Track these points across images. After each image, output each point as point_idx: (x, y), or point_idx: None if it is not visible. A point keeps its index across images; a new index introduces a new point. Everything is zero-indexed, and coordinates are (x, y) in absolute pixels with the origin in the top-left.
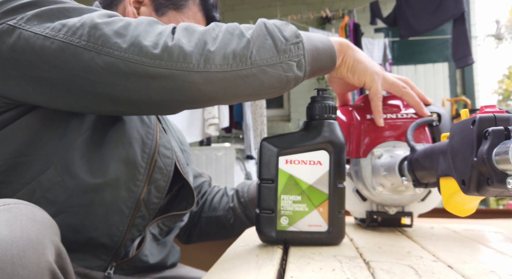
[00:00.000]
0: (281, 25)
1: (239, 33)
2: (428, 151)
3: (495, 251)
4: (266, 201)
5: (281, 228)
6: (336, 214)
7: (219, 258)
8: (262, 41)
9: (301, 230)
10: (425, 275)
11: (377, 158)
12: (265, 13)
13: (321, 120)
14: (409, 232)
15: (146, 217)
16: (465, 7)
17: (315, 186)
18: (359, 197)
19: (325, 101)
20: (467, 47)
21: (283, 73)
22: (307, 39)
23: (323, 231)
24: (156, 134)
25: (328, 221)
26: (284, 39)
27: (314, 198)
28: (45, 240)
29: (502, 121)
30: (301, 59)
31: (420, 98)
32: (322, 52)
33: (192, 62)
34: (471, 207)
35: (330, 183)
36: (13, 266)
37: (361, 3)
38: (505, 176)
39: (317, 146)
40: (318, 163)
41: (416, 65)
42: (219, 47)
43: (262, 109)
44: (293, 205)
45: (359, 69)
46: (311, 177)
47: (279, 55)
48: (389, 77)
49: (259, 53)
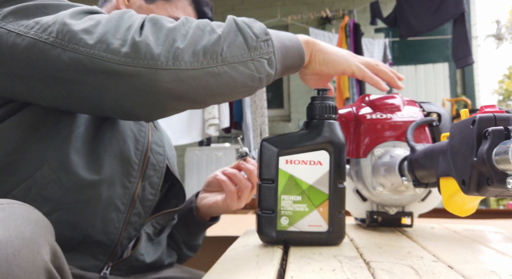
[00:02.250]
0: (250, 21)
1: (210, 30)
2: (428, 151)
3: (495, 251)
4: (266, 201)
5: (282, 228)
6: (336, 214)
7: (219, 258)
8: (233, 37)
9: (301, 230)
10: (425, 275)
11: (377, 158)
12: (265, 13)
13: (322, 120)
14: (410, 232)
15: (141, 214)
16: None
17: (316, 186)
18: (359, 197)
19: (326, 101)
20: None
21: (255, 71)
22: (276, 36)
23: (323, 231)
24: (148, 132)
25: (329, 221)
26: (254, 36)
27: (315, 198)
28: (40, 239)
29: (502, 121)
30: (272, 57)
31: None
32: (291, 49)
33: (160, 60)
34: (471, 207)
35: (331, 183)
36: (8, 265)
37: (361, 3)
38: (505, 176)
39: (318, 146)
40: (319, 163)
41: (416, 65)
42: (188, 43)
43: (263, 109)
44: (294, 205)
45: (332, 60)
46: (311, 177)
47: (250, 52)
48: (361, 58)
49: (230, 50)
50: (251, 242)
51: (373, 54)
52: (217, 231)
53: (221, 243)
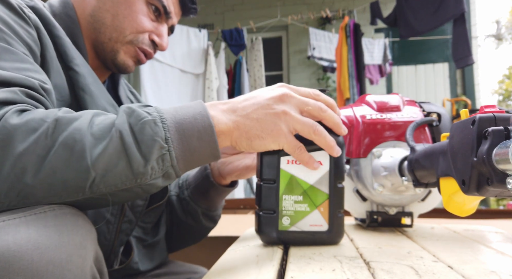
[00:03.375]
0: (142, 131)
1: (80, 151)
2: (428, 151)
3: (495, 251)
4: (267, 202)
5: (283, 228)
6: (336, 213)
7: (219, 258)
8: (113, 163)
9: (302, 230)
10: (425, 276)
11: (377, 158)
12: (265, 13)
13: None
14: (410, 232)
15: (133, 220)
16: (466, 8)
17: (316, 186)
18: (359, 197)
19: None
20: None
21: (142, 192)
22: (180, 139)
23: (323, 231)
24: None
25: (329, 220)
26: (143, 158)
27: (315, 198)
28: (87, 245)
29: (502, 121)
30: (169, 170)
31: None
32: (199, 151)
33: (1, 200)
34: (471, 207)
35: (331, 183)
36: (62, 269)
37: (361, 3)
38: (505, 176)
39: (318, 146)
40: (319, 163)
41: (417, 65)
42: (43, 176)
43: None
44: (295, 205)
45: (257, 145)
46: (312, 177)
47: (135, 179)
48: (299, 119)
49: (105, 180)
50: (251, 242)
51: (373, 54)
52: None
53: (221, 243)
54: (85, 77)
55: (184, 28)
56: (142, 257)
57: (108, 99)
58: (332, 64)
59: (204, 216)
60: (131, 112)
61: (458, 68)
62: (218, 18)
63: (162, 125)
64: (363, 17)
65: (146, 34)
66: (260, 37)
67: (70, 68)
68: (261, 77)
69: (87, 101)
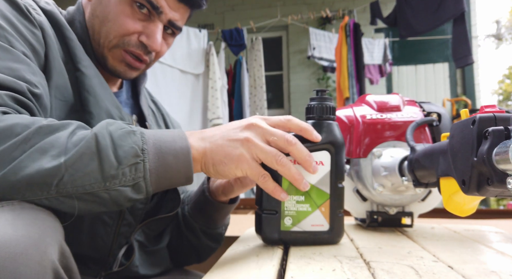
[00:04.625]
0: (121, 137)
1: (54, 152)
2: (428, 151)
3: (495, 251)
4: (269, 202)
5: (285, 228)
6: (337, 213)
7: (220, 258)
8: (84, 163)
9: (304, 230)
10: (425, 276)
11: (377, 158)
12: (265, 13)
13: (322, 121)
14: (410, 232)
15: (132, 224)
16: (465, 7)
17: (318, 186)
18: (359, 197)
19: (325, 102)
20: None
21: (109, 200)
22: (156, 154)
23: (325, 231)
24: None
25: (330, 220)
26: (116, 161)
27: (317, 198)
28: (47, 239)
29: (502, 121)
30: (140, 182)
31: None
32: (174, 168)
33: None
34: (471, 207)
35: (332, 183)
36: (16, 264)
37: (362, 3)
38: (505, 176)
39: (320, 147)
40: (321, 163)
41: (417, 65)
42: (8, 172)
43: (263, 109)
44: (297, 205)
45: (222, 171)
46: (314, 177)
47: (104, 182)
48: (262, 147)
49: (73, 179)
50: (251, 242)
51: (373, 54)
52: None
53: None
54: (91, 79)
55: (184, 28)
56: (143, 262)
57: (113, 101)
58: (332, 64)
59: (204, 233)
60: (113, 123)
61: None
62: (218, 18)
63: (141, 137)
64: (363, 17)
65: (133, 35)
66: (260, 37)
67: (77, 69)
68: (261, 77)
69: (90, 102)
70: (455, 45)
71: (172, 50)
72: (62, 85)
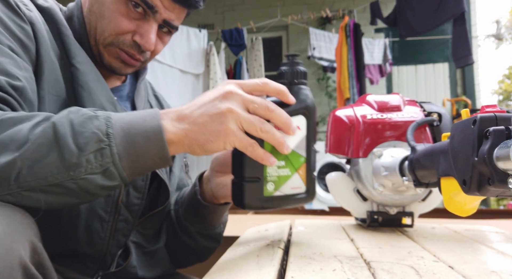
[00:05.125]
0: (82, 124)
1: (14, 148)
2: (428, 151)
3: (496, 251)
4: (252, 169)
5: (268, 194)
6: (311, 175)
7: (220, 258)
8: (42, 154)
9: (285, 193)
10: (426, 276)
11: (378, 158)
12: (265, 13)
13: (294, 85)
14: (410, 232)
15: (130, 220)
16: (465, 7)
17: (296, 150)
18: (360, 197)
19: (298, 66)
20: (467, 47)
21: (78, 189)
22: (124, 137)
23: (302, 192)
24: None
25: (306, 182)
26: (77, 148)
27: (295, 162)
28: (14, 236)
29: (503, 121)
30: (109, 168)
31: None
32: (146, 150)
33: None
34: (472, 207)
35: (308, 146)
36: None
37: (362, 3)
38: (506, 176)
39: (297, 112)
40: (297, 128)
41: (417, 65)
42: None
43: None
44: (278, 170)
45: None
46: (292, 142)
47: (68, 171)
48: (241, 114)
49: (32, 172)
50: (251, 242)
51: (373, 54)
52: None
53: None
54: (86, 74)
55: (184, 28)
56: (141, 263)
57: (108, 97)
58: (332, 64)
59: (200, 235)
60: (76, 111)
61: (458, 68)
62: (218, 18)
63: (106, 122)
64: (363, 17)
65: (127, 34)
66: (260, 37)
67: (71, 65)
68: (261, 77)
69: (84, 97)
70: (455, 45)
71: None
72: (54, 80)
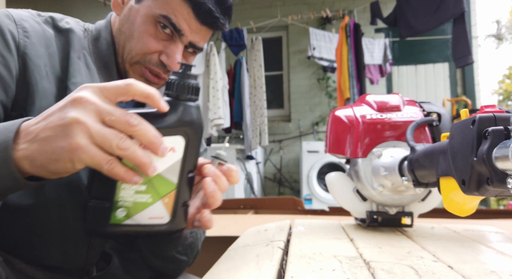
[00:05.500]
0: None
1: None
2: (428, 151)
3: (495, 251)
4: (100, 189)
5: (116, 221)
6: (181, 205)
7: (219, 258)
8: None
9: (139, 223)
10: (425, 275)
11: (377, 158)
12: (265, 13)
13: (180, 101)
14: (410, 232)
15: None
16: (465, 7)
17: (164, 175)
18: (360, 197)
19: (190, 79)
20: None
21: None
22: None
23: (163, 223)
24: None
25: (172, 212)
26: None
27: (161, 188)
28: None
29: (502, 121)
30: None
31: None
32: None
33: None
34: (471, 207)
35: (181, 172)
36: None
37: (362, 3)
38: (505, 175)
39: (174, 131)
40: (171, 149)
41: (417, 65)
42: None
43: (262, 109)
44: (135, 195)
45: (57, 169)
46: (161, 165)
47: None
48: (93, 126)
49: None
50: (251, 242)
51: (373, 54)
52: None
53: (221, 243)
54: None
55: None
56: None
57: None
58: (332, 64)
59: (154, 255)
60: None
61: (458, 67)
62: None
63: None
64: (363, 17)
65: (154, 54)
66: (260, 37)
67: (66, 86)
68: (261, 77)
69: None
70: (455, 44)
71: None
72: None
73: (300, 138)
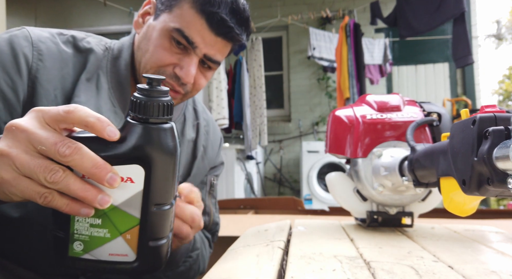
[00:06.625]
0: None
1: None
2: (428, 151)
3: (496, 251)
4: (57, 218)
5: (74, 254)
6: (148, 242)
7: (220, 258)
8: None
9: (99, 259)
10: (425, 276)
11: (378, 158)
12: (265, 13)
13: (142, 124)
14: (410, 232)
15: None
16: (466, 7)
17: (122, 208)
18: (360, 197)
19: (160, 98)
20: (467, 46)
21: None
22: None
23: (129, 261)
24: None
25: (138, 250)
26: None
27: (120, 223)
28: None
29: (502, 121)
30: None
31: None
32: None
33: None
34: (471, 207)
35: (146, 205)
36: None
37: (362, 3)
38: (506, 176)
39: (127, 159)
40: (129, 180)
41: (417, 65)
42: None
43: (262, 109)
44: (91, 229)
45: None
46: (118, 197)
47: None
48: (21, 157)
49: None
50: (251, 242)
51: (373, 54)
52: None
53: (221, 243)
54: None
55: None
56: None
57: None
58: (332, 64)
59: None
60: None
61: (458, 68)
62: None
63: None
64: (363, 17)
65: (168, 67)
66: (260, 37)
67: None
68: (261, 77)
69: None
70: (455, 44)
71: None
72: None
73: (300, 138)
